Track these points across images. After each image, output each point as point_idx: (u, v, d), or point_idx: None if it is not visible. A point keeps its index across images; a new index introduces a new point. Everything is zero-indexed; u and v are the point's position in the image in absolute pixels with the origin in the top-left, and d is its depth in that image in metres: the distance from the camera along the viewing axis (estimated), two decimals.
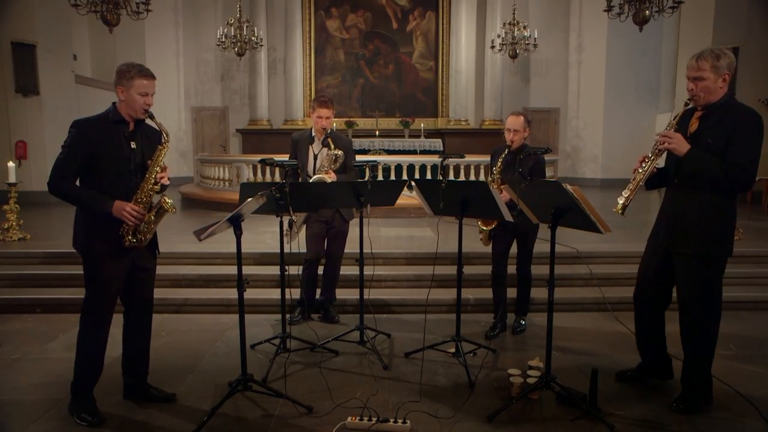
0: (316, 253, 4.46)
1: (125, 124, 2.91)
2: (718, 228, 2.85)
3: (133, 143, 2.92)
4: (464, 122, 13.94)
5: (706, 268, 2.89)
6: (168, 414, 3.00)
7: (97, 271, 2.89)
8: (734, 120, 2.74)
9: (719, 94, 2.79)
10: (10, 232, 6.10)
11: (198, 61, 13.95)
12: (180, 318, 4.65)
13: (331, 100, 4.34)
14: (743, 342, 4.08)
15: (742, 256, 5.64)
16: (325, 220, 4.39)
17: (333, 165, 4.17)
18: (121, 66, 2.88)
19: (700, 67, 2.75)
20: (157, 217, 2.94)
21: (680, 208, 2.92)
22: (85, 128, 2.83)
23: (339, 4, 13.82)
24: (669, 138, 2.80)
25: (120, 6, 7.76)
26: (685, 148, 2.76)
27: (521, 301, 4.29)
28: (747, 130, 2.73)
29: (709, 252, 2.86)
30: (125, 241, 2.87)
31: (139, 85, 2.83)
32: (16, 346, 3.98)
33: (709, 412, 3.00)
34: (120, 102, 2.89)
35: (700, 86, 2.77)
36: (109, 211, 2.79)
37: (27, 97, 9.78)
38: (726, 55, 2.76)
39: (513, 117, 4.05)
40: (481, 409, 3.03)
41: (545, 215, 3.04)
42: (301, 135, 4.49)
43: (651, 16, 8.20)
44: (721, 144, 2.74)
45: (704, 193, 2.82)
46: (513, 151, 4.03)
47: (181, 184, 12.28)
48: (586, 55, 13.55)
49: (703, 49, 2.81)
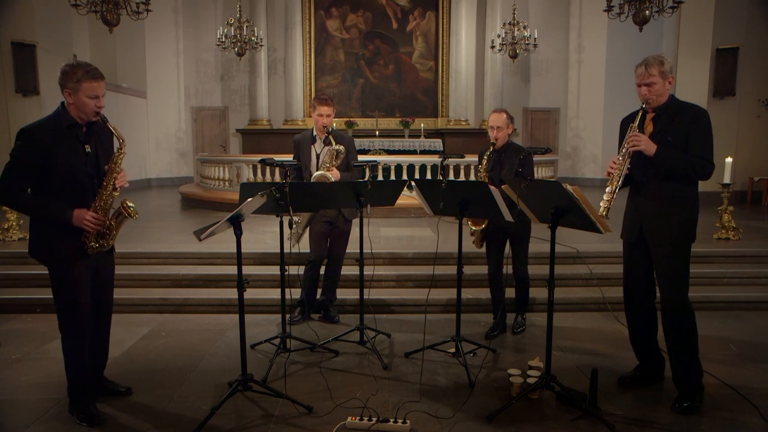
0: (319, 253, 4.47)
1: (78, 127, 2.78)
2: (685, 217, 3.03)
3: (87, 147, 2.80)
4: (464, 122, 13.94)
5: (678, 255, 3.04)
6: (168, 414, 3.00)
7: (66, 273, 2.80)
8: (688, 117, 2.98)
9: (666, 96, 3.03)
10: (10, 232, 6.10)
11: (198, 61, 13.94)
12: (180, 318, 4.65)
13: (331, 98, 4.35)
14: (743, 342, 4.08)
15: (742, 256, 5.66)
16: (328, 221, 4.40)
17: (335, 161, 4.17)
18: (65, 67, 2.73)
19: (650, 74, 2.97)
20: (118, 224, 2.88)
21: (656, 205, 3.05)
22: (36, 135, 2.67)
23: (339, 4, 13.82)
24: (638, 140, 2.96)
25: (120, 6, 7.76)
26: (653, 149, 2.94)
27: (520, 302, 4.29)
28: (701, 125, 2.97)
29: (681, 239, 3.04)
30: (87, 248, 2.80)
31: (87, 88, 2.70)
32: (16, 346, 3.99)
33: (709, 412, 3.00)
34: (69, 104, 2.74)
35: (653, 90, 2.98)
36: (68, 220, 2.70)
37: (27, 97, 9.78)
38: (668, 61, 3.02)
39: (495, 114, 4.05)
40: (481, 409, 3.03)
41: (545, 215, 3.05)
42: (302, 136, 4.50)
43: (651, 16, 8.19)
44: (680, 140, 2.96)
45: (670, 186, 3.00)
46: (498, 149, 4.03)
47: (181, 184, 12.31)
48: (586, 55, 13.54)
49: (646, 57, 3.01)
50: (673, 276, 3.03)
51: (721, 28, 10.04)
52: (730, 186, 6.14)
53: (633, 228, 3.17)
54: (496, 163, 4.03)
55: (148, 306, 4.77)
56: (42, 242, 2.81)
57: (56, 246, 2.78)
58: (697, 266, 3.71)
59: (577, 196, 2.78)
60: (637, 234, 3.14)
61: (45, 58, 9.87)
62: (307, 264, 4.44)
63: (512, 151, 3.99)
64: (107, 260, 3.06)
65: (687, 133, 2.95)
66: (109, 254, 3.06)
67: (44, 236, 2.80)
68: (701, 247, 5.20)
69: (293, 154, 4.50)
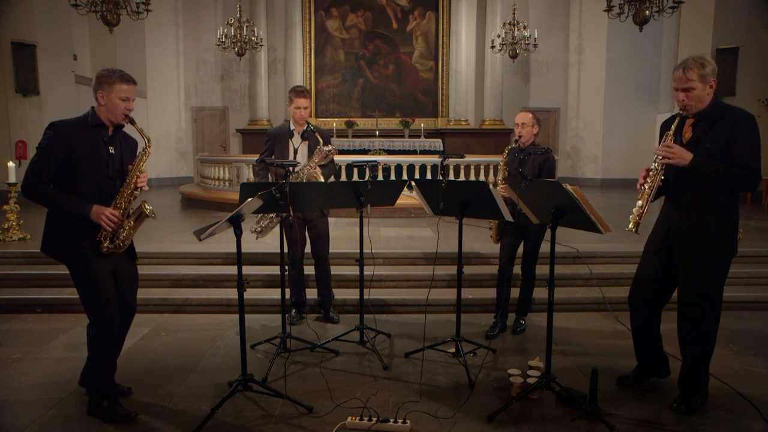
0: (297, 251, 4.40)
1: (104, 128, 2.88)
2: (725, 229, 2.88)
3: (111, 148, 2.89)
4: (464, 122, 13.94)
5: (713, 270, 2.90)
6: (168, 414, 3.00)
7: (86, 270, 2.84)
8: (730, 122, 2.78)
9: (708, 100, 2.83)
10: (10, 232, 6.10)
11: (198, 61, 13.94)
12: (180, 318, 4.65)
13: (307, 90, 4.32)
14: (743, 342, 4.08)
15: (742, 256, 5.61)
16: (303, 219, 4.34)
17: (324, 161, 4.16)
18: (102, 71, 2.87)
19: (689, 78, 2.79)
20: (137, 222, 2.92)
21: (686, 214, 2.92)
22: (63, 130, 2.78)
23: (339, 4, 13.82)
24: (671, 151, 2.80)
25: (120, 6, 7.76)
26: (689, 158, 2.77)
27: (523, 301, 4.29)
28: (745, 131, 2.77)
29: (718, 254, 2.89)
30: (102, 247, 2.83)
31: (119, 89, 2.82)
32: (16, 346, 3.98)
33: (709, 412, 3.00)
34: (99, 106, 2.86)
35: (692, 96, 2.80)
36: (87, 214, 2.76)
37: (27, 97, 9.78)
38: (709, 62, 2.80)
39: (522, 113, 4.18)
40: (481, 409, 3.03)
41: (545, 215, 3.04)
42: (278, 129, 4.43)
43: (651, 16, 8.19)
44: (720, 147, 2.77)
45: (709, 196, 2.84)
46: (523, 148, 4.09)
47: (181, 184, 12.30)
48: (586, 55, 13.55)
49: (686, 59, 2.84)
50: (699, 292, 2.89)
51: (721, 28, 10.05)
52: None
53: (657, 235, 3.08)
54: (521, 161, 4.07)
55: (148, 306, 4.76)
56: (56, 238, 2.86)
57: (70, 243, 2.83)
58: None
59: (577, 196, 2.78)
60: (660, 242, 3.04)
61: (45, 58, 9.88)
62: (289, 265, 4.32)
63: (535, 151, 4.04)
64: (126, 261, 3.06)
65: (728, 140, 2.75)
66: (128, 256, 3.07)
67: (59, 233, 2.85)
68: None
69: (265, 148, 4.40)
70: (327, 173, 4.21)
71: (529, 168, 4.02)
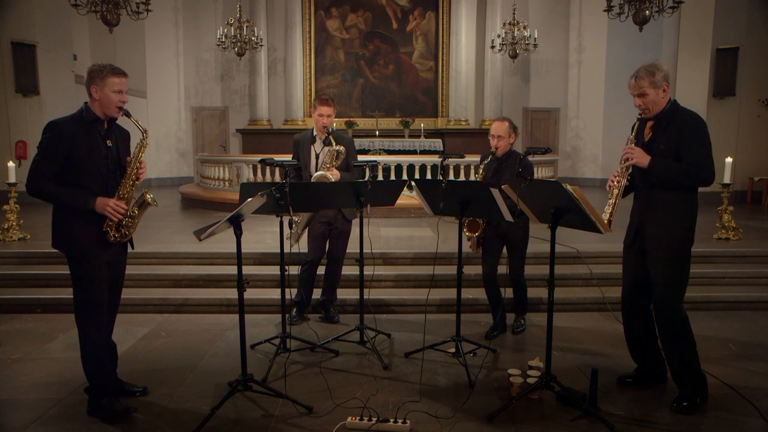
0: (317, 254, 4.46)
1: (100, 122, 2.92)
2: (684, 223, 3.02)
3: (109, 141, 2.95)
4: (464, 122, 13.94)
5: (672, 262, 3.02)
6: (168, 414, 3.00)
7: (86, 267, 2.89)
8: (679, 124, 2.96)
9: (664, 103, 3.01)
10: (10, 232, 6.10)
11: (198, 61, 13.94)
12: (180, 318, 4.65)
13: (332, 99, 4.35)
14: (743, 342, 4.08)
15: (742, 256, 5.66)
16: (327, 221, 4.39)
17: (335, 161, 4.17)
18: (93, 66, 2.91)
19: (640, 86, 2.97)
20: (140, 210, 2.98)
21: (649, 210, 3.06)
22: (62, 128, 2.82)
23: (339, 4, 13.82)
24: (631, 153, 2.99)
25: (120, 6, 7.77)
26: (647, 160, 2.96)
27: (518, 303, 4.29)
28: (693, 132, 2.95)
29: (679, 246, 3.03)
30: (110, 237, 2.90)
31: (112, 83, 2.85)
32: (16, 346, 3.98)
33: (709, 412, 3.00)
34: (93, 101, 2.88)
35: (647, 101, 2.99)
36: (92, 207, 2.81)
37: (27, 97, 9.78)
38: (660, 69, 2.98)
39: (497, 123, 4.04)
40: (481, 409, 3.03)
41: (545, 215, 3.05)
42: (302, 136, 4.50)
43: (651, 16, 8.20)
44: (672, 147, 2.95)
45: (669, 194, 2.99)
46: (499, 157, 4.03)
47: (181, 184, 12.30)
48: (586, 55, 13.54)
49: (638, 69, 3.01)
50: (665, 282, 3.02)
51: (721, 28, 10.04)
52: (730, 186, 6.14)
53: (630, 231, 3.21)
54: (496, 170, 4.03)
55: (148, 306, 4.77)
56: (64, 232, 2.91)
57: (78, 235, 2.87)
58: (697, 266, 3.71)
59: (577, 196, 2.78)
60: (632, 237, 3.17)
61: (45, 58, 9.88)
62: (304, 264, 4.43)
63: (513, 159, 3.99)
64: (120, 259, 3.12)
65: (677, 140, 2.94)
66: (122, 253, 3.12)
67: (67, 226, 2.90)
68: (701, 247, 5.20)
69: (293, 154, 4.50)
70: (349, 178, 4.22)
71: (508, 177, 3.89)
